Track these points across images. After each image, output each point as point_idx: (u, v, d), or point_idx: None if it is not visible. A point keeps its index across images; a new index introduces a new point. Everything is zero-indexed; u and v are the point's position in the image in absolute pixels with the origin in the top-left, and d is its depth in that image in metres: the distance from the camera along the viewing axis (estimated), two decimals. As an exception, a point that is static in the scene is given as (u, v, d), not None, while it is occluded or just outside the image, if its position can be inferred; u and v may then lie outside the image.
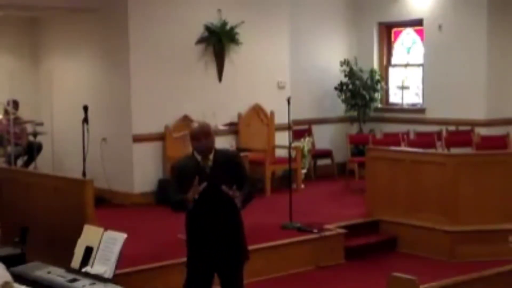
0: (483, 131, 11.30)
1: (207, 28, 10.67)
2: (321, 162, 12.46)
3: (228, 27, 10.78)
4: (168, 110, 10.27)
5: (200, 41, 10.66)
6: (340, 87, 12.62)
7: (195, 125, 5.33)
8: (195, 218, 5.21)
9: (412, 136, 11.45)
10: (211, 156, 5.24)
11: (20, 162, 10.99)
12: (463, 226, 8.32)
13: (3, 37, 11.66)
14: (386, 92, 13.11)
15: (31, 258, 6.22)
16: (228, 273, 5.30)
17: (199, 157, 5.24)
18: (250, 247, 7.60)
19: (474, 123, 11.45)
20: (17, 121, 10.89)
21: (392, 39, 13.09)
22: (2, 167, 9.28)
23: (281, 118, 10.43)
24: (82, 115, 8.45)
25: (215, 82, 10.86)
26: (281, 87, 11.46)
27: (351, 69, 12.62)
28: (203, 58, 10.74)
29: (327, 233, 8.23)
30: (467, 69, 11.65)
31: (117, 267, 5.21)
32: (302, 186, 11.17)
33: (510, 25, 11.67)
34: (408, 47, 12.91)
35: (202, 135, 5.20)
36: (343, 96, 12.62)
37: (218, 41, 10.72)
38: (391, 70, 13.14)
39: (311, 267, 7.99)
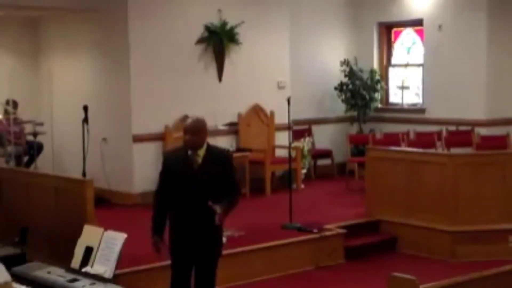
0: (483, 131, 11.30)
1: (207, 28, 10.67)
2: (321, 162, 12.46)
3: (228, 27, 10.78)
4: (168, 110, 10.27)
5: (200, 41, 10.67)
6: (340, 87, 12.62)
7: (189, 120, 5.41)
8: (179, 213, 5.34)
9: (412, 136, 11.45)
10: (201, 152, 5.31)
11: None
12: (463, 226, 8.32)
13: (3, 37, 11.66)
14: (386, 92, 13.11)
15: (31, 258, 6.21)
16: (204, 266, 5.42)
17: (190, 151, 5.30)
18: (250, 247, 7.70)
19: (474, 123, 11.45)
20: (16, 121, 10.89)
21: (392, 39, 13.09)
22: (2, 167, 9.29)
23: (281, 118, 10.43)
24: (82, 115, 8.47)
25: (215, 82, 10.86)
26: (281, 87, 11.46)
27: (351, 69, 12.62)
28: (203, 58, 10.74)
29: (327, 233, 8.23)
30: (467, 69, 11.65)
31: (117, 267, 5.20)
32: (302, 186, 11.17)
33: (510, 25, 11.67)
34: (408, 47, 12.91)
35: (189, 131, 5.29)
36: (343, 96, 12.62)
37: (218, 41, 10.72)
38: (391, 70, 13.14)
39: (311, 267, 7.99)
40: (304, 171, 11.51)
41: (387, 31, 13.08)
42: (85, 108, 8.49)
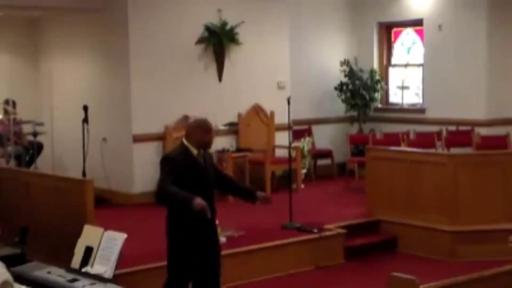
0: (483, 131, 11.29)
1: (207, 28, 10.67)
2: (321, 162, 12.46)
3: (228, 27, 10.78)
4: (168, 110, 10.27)
5: (200, 41, 10.66)
6: (340, 87, 12.62)
7: (194, 118, 5.49)
8: (189, 214, 5.25)
9: (412, 136, 11.45)
10: (201, 152, 5.40)
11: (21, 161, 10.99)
12: (463, 226, 8.32)
13: (3, 37, 11.65)
14: (386, 92, 13.10)
15: (31, 258, 6.22)
16: (212, 267, 5.43)
17: (194, 151, 5.31)
18: (250, 247, 7.71)
19: (474, 123, 11.45)
20: (16, 121, 10.88)
21: (392, 39, 13.08)
22: (2, 167, 9.29)
23: (281, 118, 10.43)
24: (82, 115, 8.48)
25: (215, 82, 10.86)
26: (281, 87, 11.46)
27: (351, 69, 12.61)
28: (203, 58, 10.74)
29: (327, 233, 8.23)
30: (467, 69, 11.65)
31: (117, 267, 5.21)
32: (302, 186, 11.16)
33: (510, 25, 11.66)
34: (408, 47, 12.90)
35: (211, 129, 5.41)
36: (343, 96, 12.62)
37: (218, 41, 10.72)
38: (391, 70, 13.14)
39: (311, 267, 7.99)
40: (304, 171, 11.50)
41: (387, 31, 13.07)
42: (85, 108, 8.49)
